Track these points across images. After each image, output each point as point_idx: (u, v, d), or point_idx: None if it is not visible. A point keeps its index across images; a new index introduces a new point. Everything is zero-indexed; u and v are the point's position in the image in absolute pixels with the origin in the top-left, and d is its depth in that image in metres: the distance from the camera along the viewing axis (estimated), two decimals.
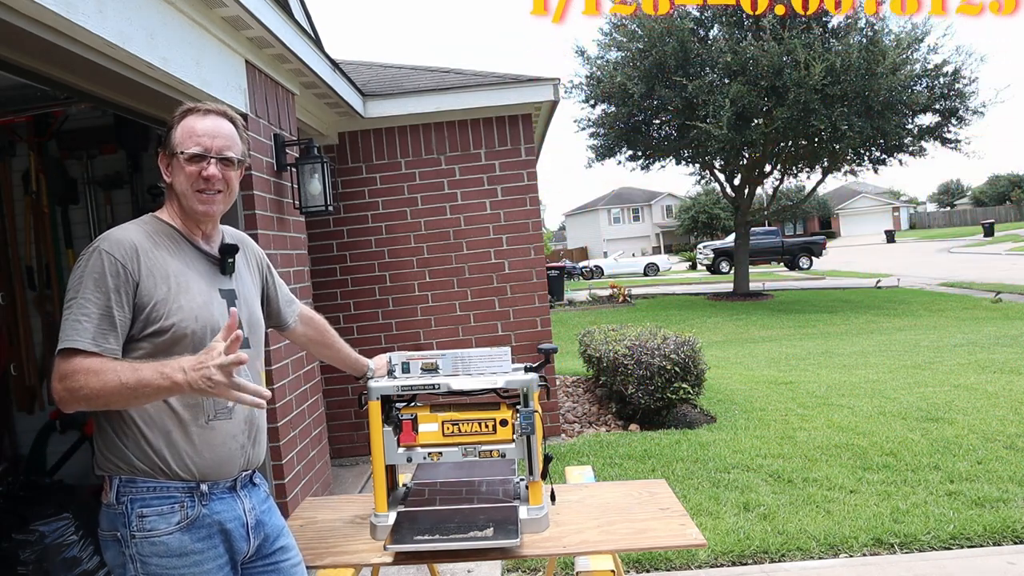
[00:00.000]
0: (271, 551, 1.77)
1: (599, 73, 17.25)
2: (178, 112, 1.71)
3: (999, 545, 3.49)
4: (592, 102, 17.87)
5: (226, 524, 1.65)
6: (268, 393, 1.51)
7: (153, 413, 1.57)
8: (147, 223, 1.68)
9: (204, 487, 1.61)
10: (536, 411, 2.02)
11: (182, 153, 1.64)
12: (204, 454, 1.61)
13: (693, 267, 35.86)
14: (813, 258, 30.04)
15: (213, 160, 1.65)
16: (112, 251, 1.55)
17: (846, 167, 18.64)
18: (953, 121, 17.05)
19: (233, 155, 1.69)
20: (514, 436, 2.04)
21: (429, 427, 2.06)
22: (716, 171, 19.18)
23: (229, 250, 1.75)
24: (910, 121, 16.84)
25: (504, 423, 2.04)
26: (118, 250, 1.56)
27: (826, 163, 18.27)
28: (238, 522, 1.68)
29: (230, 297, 1.72)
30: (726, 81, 15.60)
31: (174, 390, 1.44)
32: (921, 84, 16.34)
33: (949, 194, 79.88)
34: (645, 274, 33.83)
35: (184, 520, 1.58)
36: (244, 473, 1.72)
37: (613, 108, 17.42)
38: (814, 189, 20.21)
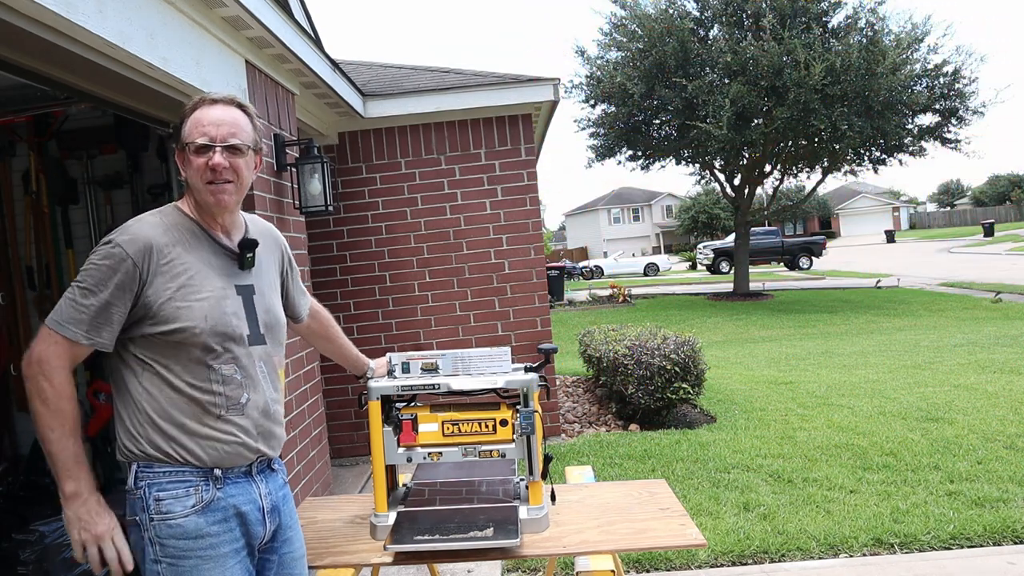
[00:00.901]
0: (282, 540, 1.81)
1: (599, 73, 17.26)
2: (189, 105, 1.71)
3: (999, 545, 3.49)
4: (592, 102, 17.87)
5: (241, 507, 1.68)
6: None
7: (167, 405, 1.61)
8: (168, 215, 1.70)
9: (218, 472, 1.65)
10: (536, 411, 2.02)
11: (189, 145, 1.66)
12: (215, 446, 1.64)
13: (693, 267, 35.86)
14: (813, 258, 30.04)
15: (218, 149, 1.65)
16: (127, 247, 1.59)
17: (846, 167, 18.65)
18: (953, 121, 17.05)
19: (239, 142, 1.67)
20: (514, 436, 2.04)
21: (429, 427, 2.06)
22: (716, 171, 19.18)
23: (248, 245, 1.75)
24: (910, 121, 16.84)
25: (504, 423, 2.04)
26: (132, 247, 1.59)
27: (826, 163, 18.28)
28: (253, 506, 1.70)
29: (247, 293, 1.73)
30: (726, 81, 15.60)
31: (58, 487, 1.57)
32: (921, 84, 16.35)
33: (949, 194, 79.87)
34: (645, 274, 33.83)
35: (199, 503, 1.62)
36: (260, 460, 1.74)
37: (613, 108, 17.42)
38: (814, 189, 20.21)
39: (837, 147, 16.40)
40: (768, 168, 18.87)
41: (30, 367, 1.56)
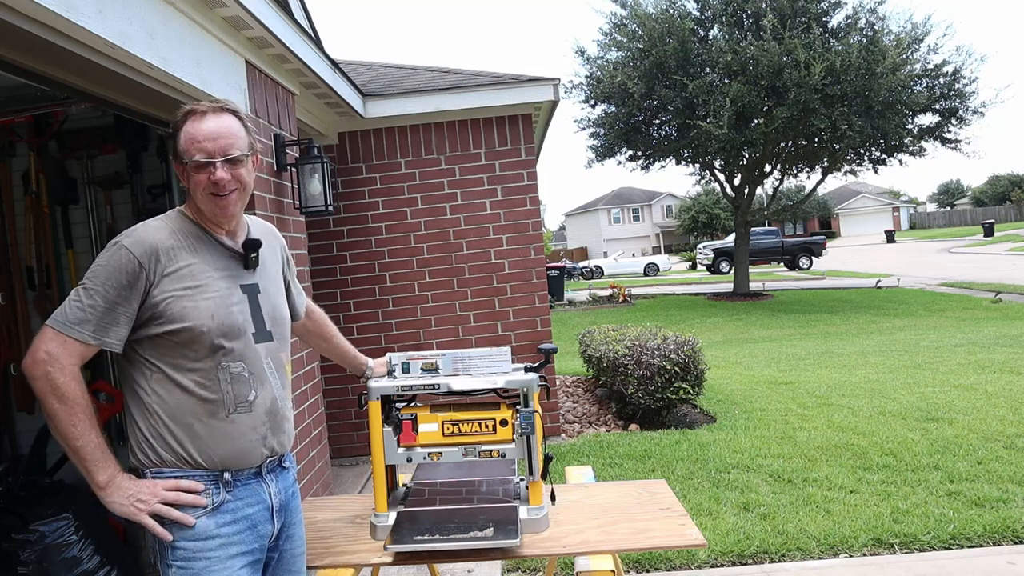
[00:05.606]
0: (285, 536, 1.83)
1: (599, 73, 17.26)
2: (179, 116, 1.70)
3: (999, 545, 3.49)
4: (592, 102, 17.87)
5: (250, 509, 1.70)
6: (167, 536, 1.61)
7: (175, 407, 1.64)
8: (173, 219, 1.72)
9: (227, 475, 1.67)
10: (536, 411, 2.02)
11: (188, 163, 1.67)
12: (224, 446, 1.66)
13: (693, 267, 35.86)
14: (813, 258, 30.05)
15: (219, 164, 1.65)
16: (132, 248, 1.61)
17: (846, 167, 18.65)
18: (953, 121, 17.06)
19: (238, 153, 1.68)
20: (514, 436, 2.04)
21: (429, 427, 2.05)
22: (716, 171, 19.18)
23: (252, 245, 1.77)
24: (910, 121, 16.84)
25: (504, 423, 2.04)
26: (138, 249, 1.61)
27: (826, 163, 18.28)
28: (262, 506, 1.73)
29: (252, 292, 1.75)
30: (726, 81, 15.60)
31: (90, 481, 1.58)
32: (921, 84, 16.36)
33: (949, 194, 79.88)
34: (645, 274, 33.83)
35: (210, 506, 1.64)
36: (269, 460, 1.76)
37: (613, 108, 17.43)
38: (814, 189, 20.21)
39: (837, 147, 16.41)
40: (768, 168, 18.87)
41: (37, 367, 1.55)
